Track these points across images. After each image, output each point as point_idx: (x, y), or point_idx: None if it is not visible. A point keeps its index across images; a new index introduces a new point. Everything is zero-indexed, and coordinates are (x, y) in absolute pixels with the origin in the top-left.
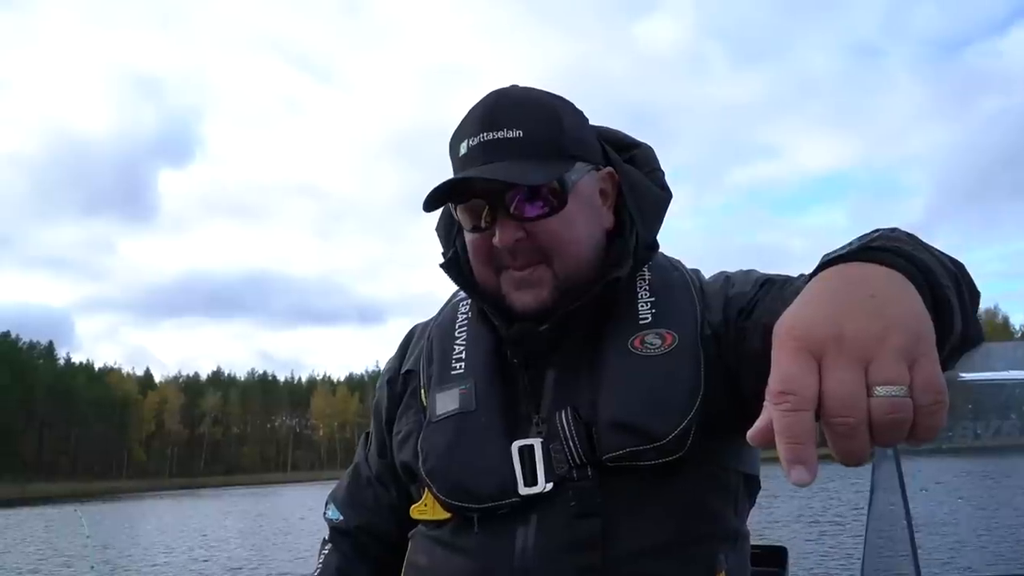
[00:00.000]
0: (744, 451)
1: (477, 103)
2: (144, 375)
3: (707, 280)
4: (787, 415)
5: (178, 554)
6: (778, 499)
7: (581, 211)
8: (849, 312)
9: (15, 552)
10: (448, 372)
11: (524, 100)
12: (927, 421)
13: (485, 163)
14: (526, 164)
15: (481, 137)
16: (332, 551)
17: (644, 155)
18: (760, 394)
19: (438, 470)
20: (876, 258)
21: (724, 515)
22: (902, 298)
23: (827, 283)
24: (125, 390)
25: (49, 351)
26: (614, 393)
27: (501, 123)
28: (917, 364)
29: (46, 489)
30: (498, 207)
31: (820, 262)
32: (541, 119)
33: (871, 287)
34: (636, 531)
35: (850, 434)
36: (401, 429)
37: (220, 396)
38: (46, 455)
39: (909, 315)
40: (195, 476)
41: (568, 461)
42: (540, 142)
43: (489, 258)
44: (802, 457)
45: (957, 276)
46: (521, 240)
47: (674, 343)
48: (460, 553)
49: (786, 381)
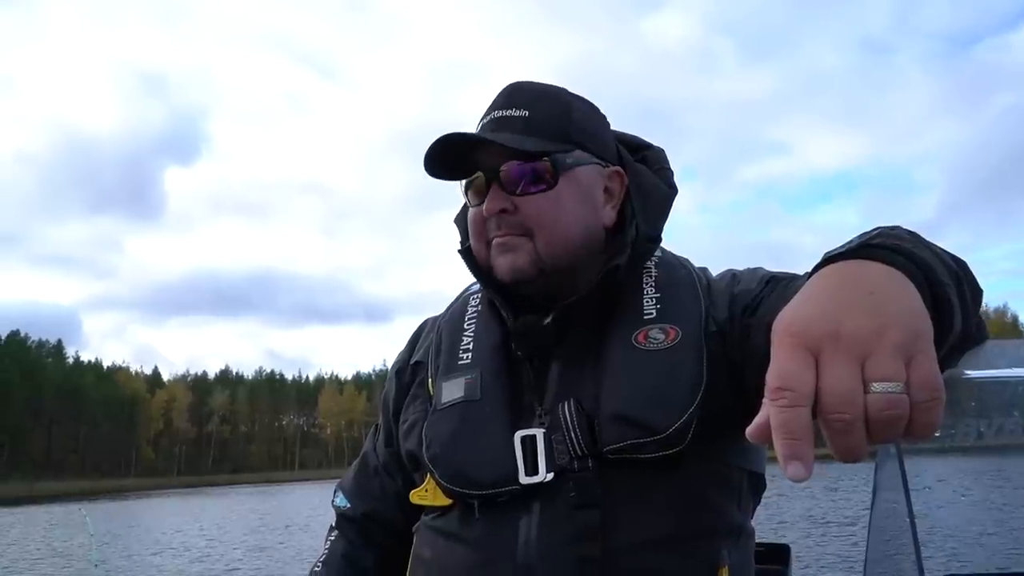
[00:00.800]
0: (749, 448)
1: (504, 88)
2: (152, 374)
3: (714, 278)
4: (783, 411)
5: (173, 554)
6: (781, 497)
7: (573, 196)
8: (847, 309)
9: (12, 552)
10: (455, 362)
11: (540, 88)
12: (923, 418)
13: (491, 136)
14: (525, 139)
15: (493, 114)
16: (338, 537)
17: (655, 155)
18: (762, 391)
19: (441, 457)
20: (876, 256)
21: (727, 511)
22: (900, 295)
23: (826, 280)
24: (133, 389)
25: (58, 350)
26: (617, 386)
27: (512, 104)
28: (914, 361)
29: (54, 487)
30: (493, 180)
31: (820, 260)
32: (551, 105)
33: (870, 284)
34: (636, 523)
35: (846, 430)
36: (408, 418)
37: (228, 395)
38: (54, 453)
39: (907, 312)
40: (203, 474)
41: (569, 452)
42: (545, 124)
43: (481, 230)
44: (798, 453)
45: (958, 274)
46: (507, 211)
47: (677, 338)
48: (463, 543)
49: (783, 377)
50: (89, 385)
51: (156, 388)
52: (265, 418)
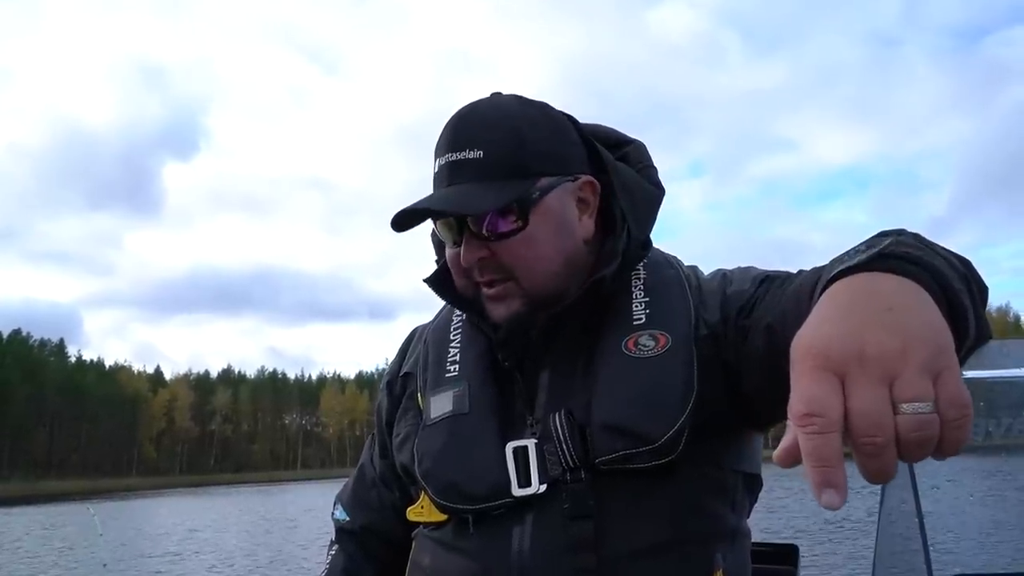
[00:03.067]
0: (744, 450)
1: (451, 117)
2: (155, 372)
3: (704, 278)
4: (814, 438)
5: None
6: (789, 498)
7: (546, 228)
8: (868, 328)
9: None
10: (443, 375)
11: (488, 117)
12: (954, 435)
13: (450, 184)
14: (488, 185)
15: (447, 157)
16: (338, 552)
17: (637, 152)
18: (763, 393)
19: (433, 472)
20: (887, 267)
21: (721, 515)
22: (920, 310)
23: (841, 297)
24: (135, 388)
25: (60, 349)
26: (608, 395)
27: (463, 143)
28: (941, 378)
29: (57, 487)
30: (464, 225)
31: (831, 274)
32: (502, 137)
33: (887, 300)
34: (630, 532)
35: (878, 453)
36: (400, 431)
37: (230, 394)
38: (56, 453)
39: (928, 327)
40: (205, 473)
41: (562, 463)
42: (501, 162)
43: (462, 272)
44: (832, 480)
45: (967, 276)
46: (484, 258)
47: (668, 345)
48: (460, 553)
49: (810, 403)
50: (91, 384)
51: (158, 387)
52: (268, 417)
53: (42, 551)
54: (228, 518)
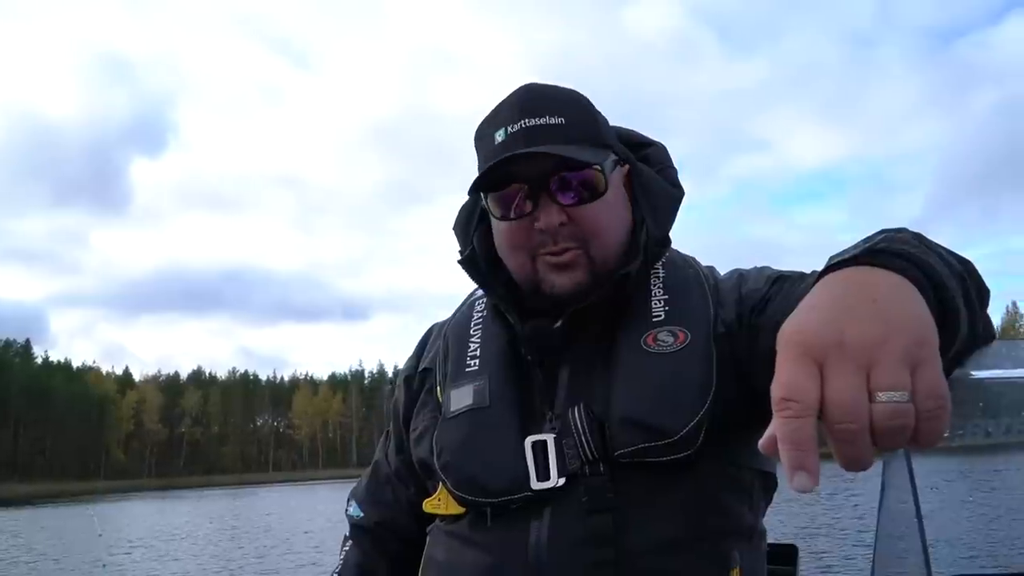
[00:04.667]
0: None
1: (510, 94)
2: (123, 374)
3: (721, 277)
4: (789, 422)
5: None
6: (788, 497)
7: (619, 201)
8: (851, 317)
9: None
10: (463, 369)
11: (559, 92)
12: (929, 426)
13: (528, 147)
14: (571, 149)
15: (522, 123)
16: (353, 547)
17: (658, 153)
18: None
19: (452, 464)
20: (879, 262)
21: (739, 512)
22: (904, 302)
23: (829, 288)
24: (103, 389)
25: (26, 349)
26: (627, 390)
27: (542, 111)
28: (919, 369)
29: (22, 490)
30: (540, 191)
31: (825, 266)
32: (578, 109)
33: (873, 292)
34: (648, 527)
35: (852, 440)
36: (418, 426)
37: (200, 395)
38: (22, 455)
39: (911, 319)
40: (174, 476)
41: (580, 457)
42: (583, 129)
43: (525, 244)
44: (804, 463)
45: (964, 276)
46: (564, 224)
47: (686, 341)
48: (476, 547)
49: (788, 388)
50: (58, 385)
51: (127, 388)
52: (238, 419)
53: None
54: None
